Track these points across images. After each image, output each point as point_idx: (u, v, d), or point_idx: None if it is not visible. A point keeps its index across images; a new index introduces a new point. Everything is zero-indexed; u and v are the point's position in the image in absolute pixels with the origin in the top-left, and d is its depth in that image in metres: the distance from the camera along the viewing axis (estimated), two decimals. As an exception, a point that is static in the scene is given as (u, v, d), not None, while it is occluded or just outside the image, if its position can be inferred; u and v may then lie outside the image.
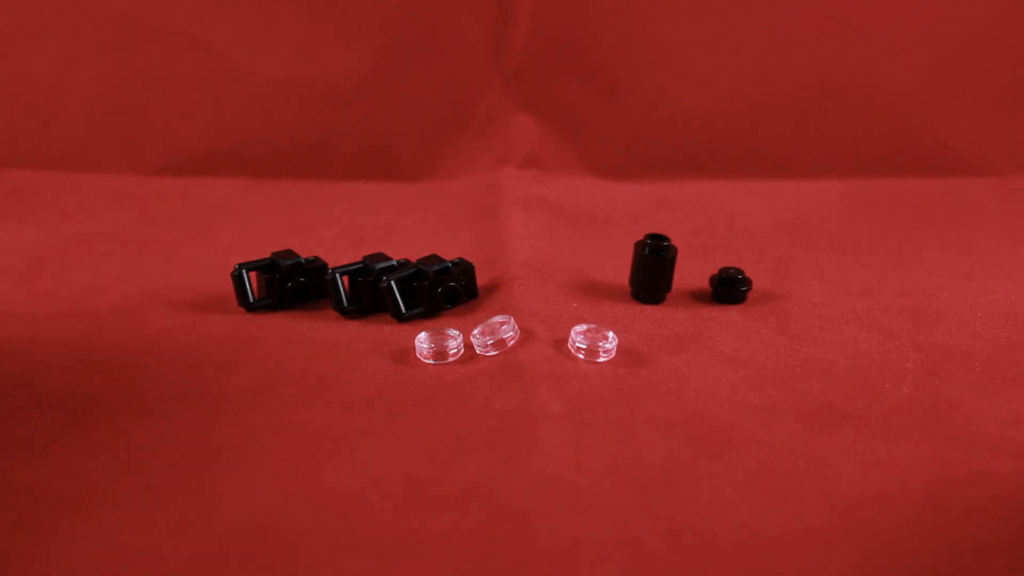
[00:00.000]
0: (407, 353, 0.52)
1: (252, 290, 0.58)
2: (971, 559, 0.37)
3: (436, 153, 0.88)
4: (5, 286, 0.62)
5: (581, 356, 0.52)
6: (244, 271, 0.57)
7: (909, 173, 0.88)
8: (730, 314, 0.58)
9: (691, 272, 0.64)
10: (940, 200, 0.82)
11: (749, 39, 0.87)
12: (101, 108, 0.87)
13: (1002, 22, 0.87)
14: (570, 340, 0.52)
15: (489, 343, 0.52)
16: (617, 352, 0.52)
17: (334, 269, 0.57)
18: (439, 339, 0.52)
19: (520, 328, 0.55)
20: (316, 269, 0.59)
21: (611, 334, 0.52)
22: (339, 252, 0.66)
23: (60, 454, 0.43)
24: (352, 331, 0.55)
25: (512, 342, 0.53)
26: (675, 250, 0.59)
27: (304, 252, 0.64)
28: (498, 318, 0.53)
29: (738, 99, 0.88)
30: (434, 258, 0.58)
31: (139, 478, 0.41)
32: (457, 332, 0.52)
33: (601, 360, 0.52)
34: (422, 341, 0.51)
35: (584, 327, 0.53)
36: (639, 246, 0.59)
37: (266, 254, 0.60)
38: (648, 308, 0.59)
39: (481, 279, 0.62)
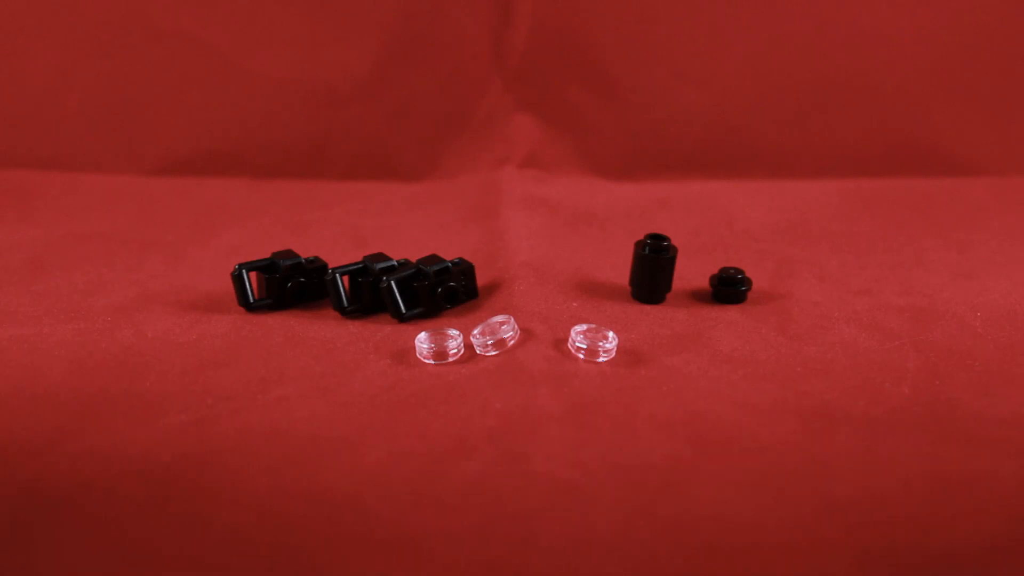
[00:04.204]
0: (407, 353, 0.52)
1: (252, 290, 0.58)
2: (971, 560, 0.37)
3: (436, 153, 0.88)
4: (5, 286, 0.62)
5: (581, 356, 0.52)
6: (244, 271, 0.57)
7: (909, 173, 0.87)
8: (730, 314, 0.58)
9: (691, 272, 0.64)
10: (940, 200, 0.82)
11: (749, 39, 0.87)
12: (101, 108, 0.87)
13: (1002, 22, 0.87)
14: (570, 340, 0.52)
15: (489, 343, 0.52)
16: (617, 352, 0.52)
17: (334, 269, 0.57)
18: (439, 339, 0.52)
19: (520, 328, 0.55)
20: (316, 269, 0.59)
21: (611, 334, 0.52)
22: (339, 252, 0.66)
23: (60, 454, 0.43)
24: (352, 331, 0.55)
25: (512, 342, 0.53)
26: (675, 250, 0.59)
27: (304, 252, 0.64)
28: (498, 318, 0.53)
29: (738, 99, 0.88)
30: (434, 258, 0.58)
31: (139, 478, 0.41)
32: (457, 332, 0.52)
33: (601, 360, 0.52)
34: (422, 341, 0.51)
35: (584, 327, 0.53)
36: (639, 246, 0.59)
37: (266, 254, 0.60)
38: (648, 308, 0.59)
39: (481, 279, 0.62)
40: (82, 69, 0.86)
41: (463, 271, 0.58)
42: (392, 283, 0.55)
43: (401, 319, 0.56)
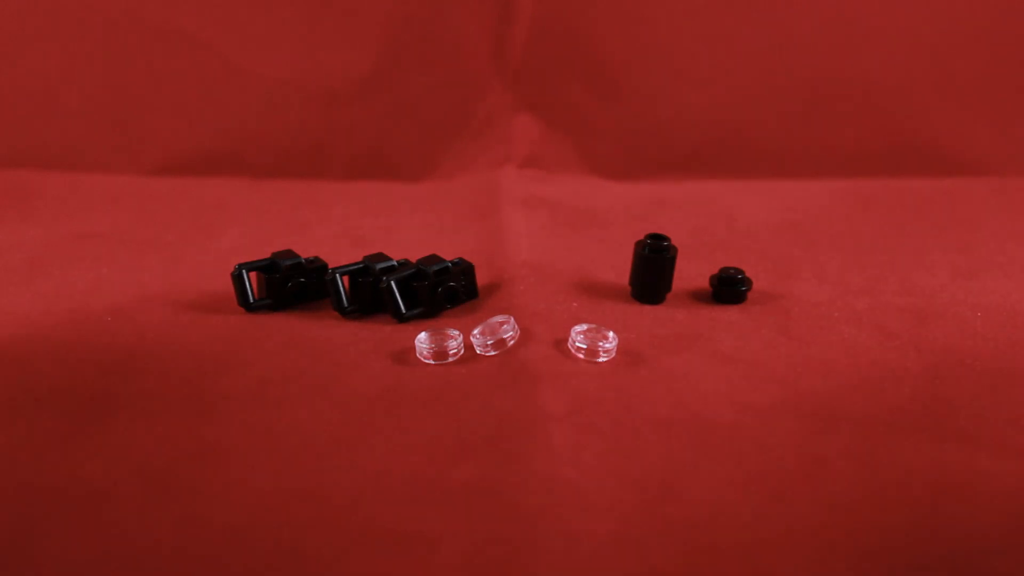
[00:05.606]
0: (407, 353, 0.52)
1: (252, 290, 0.58)
2: (971, 560, 0.37)
3: (436, 153, 0.88)
4: (5, 286, 0.62)
5: (581, 356, 0.52)
6: (244, 271, 0.57)
7: (909, 173, 0.88)
8: (730, 314, 0.58)
9: (691, 272, 0.64)
10: (940, 200, 0.82)
11: (749, 39, 0.87)
12: (101, 108, 0.87)
13: (1001, 22, 0.87)
14: (570, 340, 0.52)
15: (489, 343, 0.52)
16: (617, 352, 0.52)
17: (334, 269, 0.57)
18: (439, 339, 0.52)
19: (520, 328, 0.55)
20: (316, 269, 0.59)
21: (611, 334, 0.52)
22: (339, 252, 0.66)
23: (60, 454, 0.43)
24: (352, 331, 0.55)
25: (512, 342, 0.53)
26: (675, 250, 0.59)
27: (304, 252, 0.64)
28: (498, 318, 0.53)
29: (738, 99, 0.88)
30: (434, 258, 0.58)
31: (139, 478, 0.41)
32: (457, 332, 0.52)
33: (601, 360, 0.52)
34: (422, 341, 0.51)
35: (584, 327, 0.53)
36: (639, 246, 0.59)
37: (266, 254, 0.60)
38: (648, 308, 0.59)
39: (481, 279, 0.62)
40: (82, 69, 0.86)
41: (463, 271, 0.58)
42: (392, 283, 0.55)
43: (401, 319, 0.56)
